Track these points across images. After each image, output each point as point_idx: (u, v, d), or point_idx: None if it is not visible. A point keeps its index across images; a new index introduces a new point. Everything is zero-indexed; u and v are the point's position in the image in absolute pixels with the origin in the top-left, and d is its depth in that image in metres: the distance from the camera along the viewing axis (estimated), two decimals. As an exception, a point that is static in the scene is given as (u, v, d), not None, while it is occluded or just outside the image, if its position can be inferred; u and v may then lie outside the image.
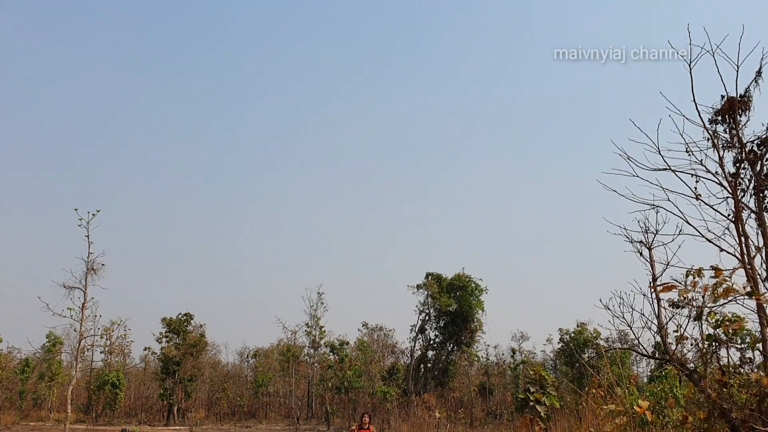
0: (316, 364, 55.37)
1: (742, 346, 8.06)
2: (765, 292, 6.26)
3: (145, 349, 59.50)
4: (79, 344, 31.81)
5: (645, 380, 43.35)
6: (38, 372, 55.74)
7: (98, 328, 43.08)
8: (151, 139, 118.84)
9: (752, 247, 6.94)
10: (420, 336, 52.89)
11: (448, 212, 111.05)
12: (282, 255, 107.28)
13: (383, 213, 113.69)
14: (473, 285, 51.66)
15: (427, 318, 52.64)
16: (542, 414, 17.27)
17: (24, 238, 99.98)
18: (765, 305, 6.22)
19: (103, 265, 30.85)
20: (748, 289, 6.13)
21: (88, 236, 30.87)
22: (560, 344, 49.74)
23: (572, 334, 47.75)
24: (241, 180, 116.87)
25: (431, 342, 53.38)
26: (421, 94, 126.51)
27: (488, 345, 58.24)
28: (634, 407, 7.70)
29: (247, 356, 67.00)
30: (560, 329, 50.07)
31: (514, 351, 56.87)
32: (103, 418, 50.42)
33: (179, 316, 52.21)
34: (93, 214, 31.45)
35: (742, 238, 6.95)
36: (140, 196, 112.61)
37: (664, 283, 6.68)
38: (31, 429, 38.80)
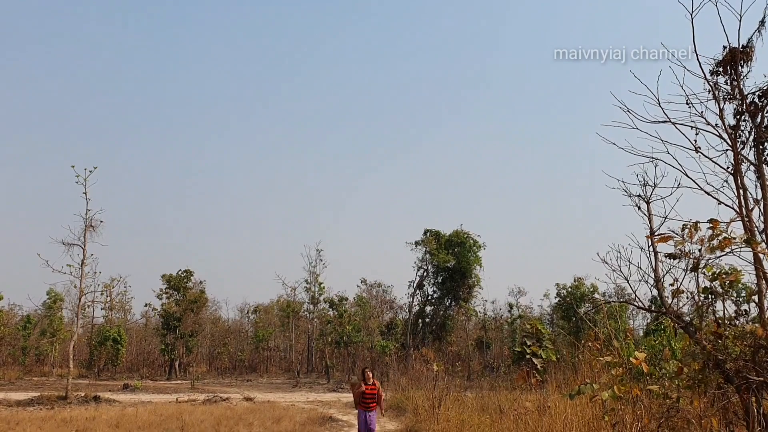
0: (315, 320, 55.91)
1: (738, 300, 8.08)
2: (762, 243, 6.23)
3: (146, 305, 59.99)
4: (80, 301, 32.06)
5: (641, 334, 43.87)
6: (40, 328, 56.21)
7: (98, 285, 43.23)
8: (149, 96, 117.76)
9: (750, 199, 6.90)
10: (418, 292, 53.30)
11: (447, 168, 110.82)
12: (281, 212, 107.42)
13: (381, 170, 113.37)
14: (471, 241, 51.85)
15: (425, 274, 52.96)
16: (538, 367, 17.49)
17: (23, 194, 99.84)
18: (761, 256, 6.20)
19: (101, 221, 30.89)
20: (746, 238, 6.11)
21: (85, 193, 30.85)
22: (557, 299, 50.18)
23: (569, 289, 48.12)
24: (240, 136, 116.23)
25: (429, 297, 53.80)
26: (418, 53, 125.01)
27: (486, 300, 58.74)
28: (630, 359, 7.76)
29: (248, 312, 67.56)
30: (557, 284, 50.47)
31: (511, 306, 57.37)
32: (105, 374, 51.07)
33: (179, 273, 52.45)
34: (90, 171, 31.36)
35: (741, 191, 6.89)
36: (140, 152, 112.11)
37: (661, 234, 6.65)
38: (35, 384, 39.30)
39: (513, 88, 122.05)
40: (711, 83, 7.55)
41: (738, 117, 7.56)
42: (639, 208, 8.78)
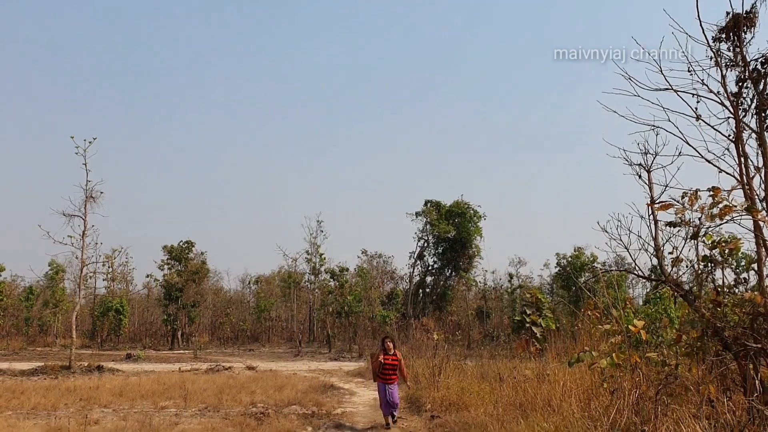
0: (316, 290, 56.16)
1: (738, 269, 8.09)
2: (762, 211, 6.21)
3: (148, 276, 60.19)
4: (81, 271, 32.16)
5: (641, 303, 44.06)
6: (42, 299, 56.51)
7: (99, 256, 43.26)
8: (149, 67, 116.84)
9: (751, 167, 6.86)
10: (419, 262, 53.45)
11: (448, 139, 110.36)
12: (282, 183, 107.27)
13: (381, 140, 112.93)
14: (472, 212, 51.83)
15: (425, 245, 53.05)
16: (538, 335, 17.60)
17: (24, 166, 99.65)
18: (762, 224, 6.18)
19: (101, 193, 30.86)
20: (746, 205, 6.09)
21: (85, 164, 30.77)
22: (557, 269, 50.30)
23: (569, 259, 48.22)
24: (240, 109, 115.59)
25: (430, 268, 53.97)
26: (410, 17, 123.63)
27: (486, 270, 58.95)
28: (629, 327, 7.80)
29: (249, 283, 67.86)
30: (557, 254, 50.57)
31: (511, 276, 57.55)
32: (108, 344, 51.45)
33: (180, 244, 52.54)
34: (90, 142, 31.23)
35: (742, 159, 6.86)
36: (140, 123, 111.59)
37: (662, 202, 6.63)
38: (39, 354, 39.64)
39: (514, 57, 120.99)
40: (713, 50, 7.47)
41: (740, 84, 7.48)
42: (639, 176, 8.73)
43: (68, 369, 25.82)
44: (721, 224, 6.49)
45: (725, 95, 7.36)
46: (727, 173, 6.86)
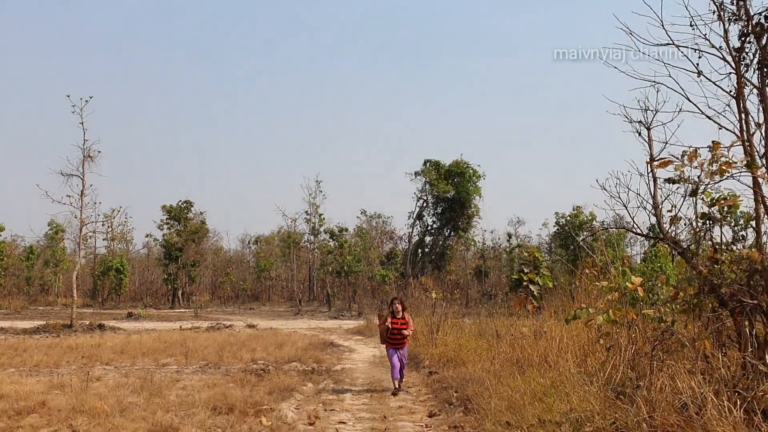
0: (316, 250, 56.37)
1: (736, 228, 8.07)
2: (762, 167, 6.17)
3: (147, 236, 60.37)
4: (81, 231, 32.24)
5: (638, 262, 44.26)
6: (43, 259, 56.74)
7: (99, 216, 43.36)
8: (146, 22, 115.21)
9: (752, 123, 6.79)
10: (418, 222, 53.52)
11: (447, 97, 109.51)
12: (280, 143, 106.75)
13: (381, 100, 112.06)
14: (471, 171, 51.67)
15: (425, 204, 53.05)
16: (535, 293, 17.70)
17: (21, 125, 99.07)
18: (761, 181, 6.15)
19: (99, 152, 30.76)
20: (746, 162, 6.04)
21: (82, 123, 30.60)
22: (556, 228, 50.42)
23: (568, 218, 48.28)
24: (239, 66, 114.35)
25: (429, 228, 54.07)
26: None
27: (485, 230, 59.17)
28: (627, 284, 7.83)
29: (249, 243, 68.08)
30: (556, 213, 50.63)
31: (510, 235, 57.74)
32: (109, 303, 51.86)
33: (179, 204, 52.56)
34: (86, 101, 31.00)
35: (743, 115, 6.78)
36: (138, 82, 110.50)
37: (661, 159, 6.59)
38: (40, 313, 39.98)
39: (513, 13, 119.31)
40: (716, 3, 7.32)
41: (743, 39, 7.36)
42: (639, 134, 8.67)
43: (70, 327, 26.06)
44: (720, 181, 6.45)
45: (727, 50, 7.25)
46: (728, 129, 6.80)
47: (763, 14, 7.25)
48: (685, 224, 7.92)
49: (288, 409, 9.37)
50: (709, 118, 6.90)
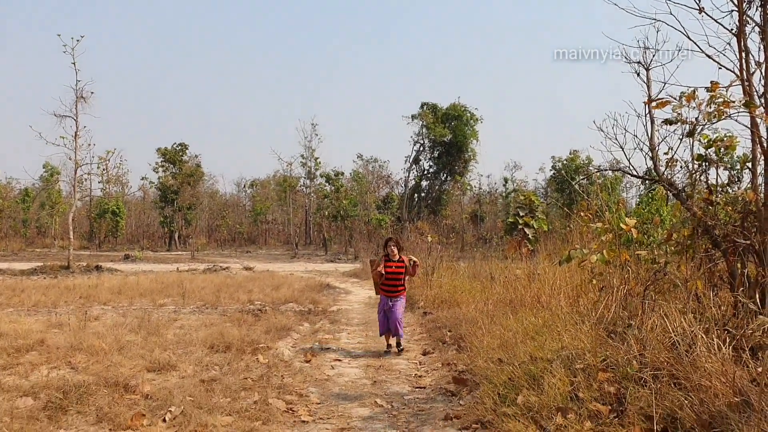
0: (312, 194, 56.32)
1: (732, 172, 8.04)
2: (760, 107, 6.10)
3: (143, 178, 60.24)
4: (75, 173, 32.10)
5: (634, 206, 44.38)
6: (39, 201, 56.67)
7: (93, 157, 43.14)
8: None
9: (752, 62, 6.69)
10: (414, 166, 53.39)
11: (445, 38, 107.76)
12: (276, 86, 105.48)
13: (377, 41, 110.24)
14: (468, 115, 51.28)
15: (421, 148, 52.80)
16: (530, 237, 17.80)
17: (11, 66, 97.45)
18: (759, 121, 6.09)
19: (92, 93, 30.39)
20: (744, 101, 5.97)
21: (74, 63, 30.15)
22: (552, 172, 50.39)
23: (565, 162, 48.18)
24: (235, 5, 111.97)
25: (425, 172, 53.97)
26: None
27: (481, 175, 59.20)
28: (621, 225, 7.85)
29: (245, 186, 68.00)
30: (553, 157, 50.52)
31: (506, 180, 57.74)
32: (106, 245, 52.07)
33: (174, 146, 52.24)
34: (77, 40, 30.45)
35: (743, 54, 6.66)
36: (131, 22, 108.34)
37: (660, 99, 6.51)
38: (38, 255, 40.15)
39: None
40: (721, -63, 7.12)
41: (746, -27, 7.19)
42: (638, 74, 8.52)
43: (67, 269, 26.22)
44: (717, 121, 6.40)
45: (730, -15, 7.09)
46: (727, 68, 6.69)
47: (769, -52, 7.06)
48: (681, 167, 7.90)
49: (285, 348, 9.51)
50: (709, 57, 6.79)
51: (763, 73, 6.41)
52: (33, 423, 5.55)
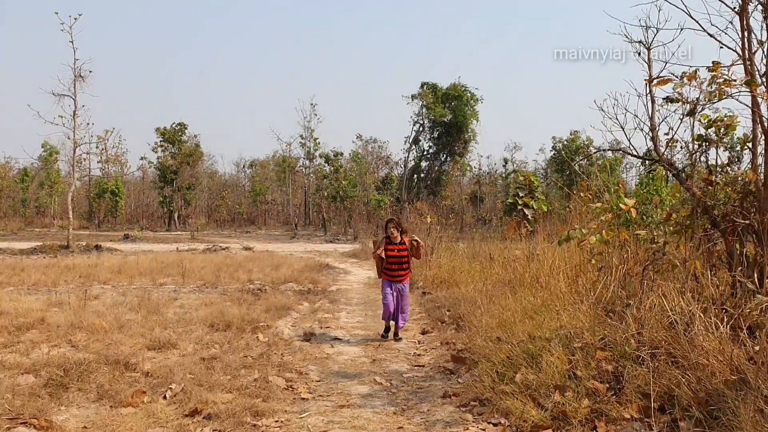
0: (311, 175, 56.19)
1: (732, 152, 8.02)
2: (762, 86, 6.07)
3: (142, 158, 60.13)
4: (74, 152, 32.02)
5: (634, 187, 44.35)
6: (38, 181, 56.60)
7: (92, 137, 43.01)
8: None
9: (754, 41, 6.64)
10: (414, 147, 53.24)
11: (445, 17, 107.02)
12: (275, 66, 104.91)
13: (377, 21, 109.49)
14: (468, 94, 51.02)
15: (421, 129, 52.63)
16: (529, 217, 17.80)
17: (9, 44, 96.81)
18: (760, 100, 6.06)
19: (90, 71, 30.22)
20: (746, 80, 5.94)
21: (72, 42, 29.95)
22: (552, 152, 50.30)
23: (565, 142, 48.08)
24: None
25: (425, 153, 53.84)
26: None
27: (481, 155, 59.05)
28: (620, 205, 7.84)
29: (244, 167, 67.87)
30: (553, 137, 50.41)
31: (506, 161, 57.64)
32: (105, 225, 52.09)
33: (173, 126, 52.05)
34: (75, 18, 30.22)
35: (745, 32, 6.61)
36: (130, 2, 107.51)
37: (660, 77, 6.48)
38: (37, 234, 40.17)
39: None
40: None
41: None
42: (639, 54, 8.46)
43: (67, 248, 26.24)
44: (719, 101, 6.37)
45: (733, -38, 7.02)
46: (729, 48, 6.64)
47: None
48: (681, 147, 7.88)
49: (284, 326, 9.55)
50: (711, 35, 6.74)
51: (765, 52, 6.36)
52: (34, 400, 5.59)
